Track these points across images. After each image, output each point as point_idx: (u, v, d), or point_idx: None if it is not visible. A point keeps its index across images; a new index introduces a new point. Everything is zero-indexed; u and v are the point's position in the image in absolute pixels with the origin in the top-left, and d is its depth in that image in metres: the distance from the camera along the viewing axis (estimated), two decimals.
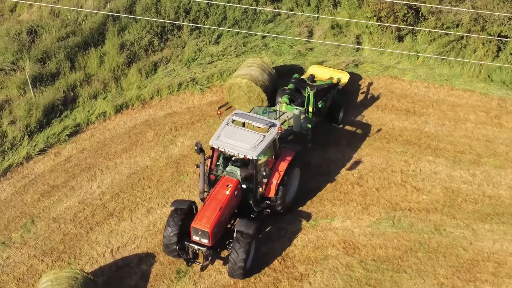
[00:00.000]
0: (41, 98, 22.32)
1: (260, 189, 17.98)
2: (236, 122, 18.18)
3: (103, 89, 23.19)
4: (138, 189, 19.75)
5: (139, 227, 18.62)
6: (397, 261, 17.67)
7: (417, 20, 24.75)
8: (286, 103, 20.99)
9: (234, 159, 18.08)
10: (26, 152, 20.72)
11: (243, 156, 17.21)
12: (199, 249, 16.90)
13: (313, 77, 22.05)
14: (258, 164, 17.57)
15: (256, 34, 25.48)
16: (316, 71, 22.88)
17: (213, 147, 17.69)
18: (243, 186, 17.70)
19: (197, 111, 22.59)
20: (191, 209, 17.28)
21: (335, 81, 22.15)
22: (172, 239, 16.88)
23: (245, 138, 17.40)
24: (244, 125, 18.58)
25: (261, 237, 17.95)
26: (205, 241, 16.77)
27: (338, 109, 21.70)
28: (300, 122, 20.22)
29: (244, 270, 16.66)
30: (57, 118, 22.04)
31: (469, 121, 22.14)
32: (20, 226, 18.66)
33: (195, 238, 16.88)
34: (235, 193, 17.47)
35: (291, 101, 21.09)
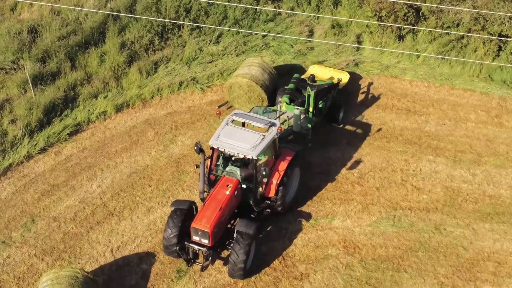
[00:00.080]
0: (41, 97, 22.32)
1: (260, 189, 17.95)
2: (235, 122, 18.16)
3: (104, 88, 23.19)
4: (138, 188, 19.75)
5: (140, 226, 18.62)
6: (398, 261, 17.67)
7: (417, 19, 24.74)
8: (286, 103, 20.98)
9: (234, 159, 18.06)
10: (26, 151, 20.73)
11: (243, 156, 17.19)
12: (199, 249, 16.88)
13: (314, 77, 22.05)
14: (258, 164, 17.55)
15: (256, 33, 25.47)
16: (316, 71, 22.86)
17: (212, 147, 17.66)
18: (243, 186, 17.67)
19: (197, 111, 22.59)
20: (191, 209, 17.26)
21: (336, 81, 22.13)
22: (171, 241, 16.87)
23: (245, 138, 17.37)
24: (244, 125, 18.56)
25: (261, 236, 17.95)
26: (205, 241, 16.76)
27: (338, 109, 21.68)
28: (300, 122, 20.21)
29: (244, 271, 16.65)
30: (57, 117, 22.04)
31: (469, 121, 22.13)
32: (20, 225, 18.68)
33: (195, 238, 16.87)
34: (235, 193, 17.45)
35: (291, 100, 21.09)
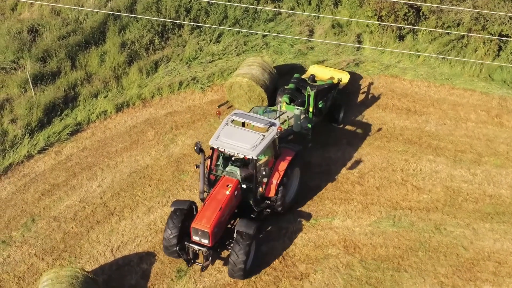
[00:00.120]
0: (41, 96, 22.33)
1: (260, 189, 17.94)
2: (235, 122, 18.15)
3: (104, 88, 23.20)
4: (138, 188, 19.75)
5: (140, 226, 18.62)
6: (398, 260, 17.67)
7: (417, 19, 24.73)
8: (286, 103, 20.98)
9: (234, 159, 18.04)
10: (26, 150, 20.74)
11: (243, 156, 17.17)
12: (199, 249, 16.86)
13: (314, 76, 22.04)
14: (258, 164, 17.54)
15: (256, 33, 25.47)
16: (316, 70, 22.85)
17: (212, 147, 17.65)
18: (243, 186, 17.66)
19: (197, 110, 22.59)
20: (191, 209, 17.24)
21: (336, 81, 22.12)
22: (171, 242, 16.86)
23: (244, 138, 17.36)
24: (243, 125, 18.55)
25: (261, 236, 17.95)
26: (205, 241, 16.74)
27: (338, 109, 21.67)
28: (300, 122, 20.20)
29: (244, 271, 16.65)
30: (57, 116, 22.05)
31: (469, 120, 22.13)
32: (20, 224, 18.68)
33: (195, 238, 16.85)
34: (235, 193, 17.43)
35: (291, 100, 21.08)
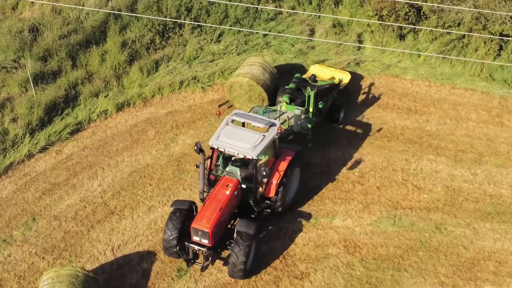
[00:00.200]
0: (42, 96, 22.34)
1: (260, 189, 17.93)
2: (235, 122, 18.14)
3: (105, 87, 23.20)
4: (139, 187, 19.76)
5: (140, 225, 18.63)
6: (398, 260, 17.67)
7: (418, 18, 24.72)
8: (286, 102, 20.97)
9: (234, 159, 18.02)
10: (27, 150, 20.75)
11: (243, 156, 17.15)
12: (199, 249, 16.85)
13: (315, 77, 22.02)
14: (258, 164, 17.52)
15: (257, 32, 25.46)
16: (317, 70, 22.82)
17: (212, 147, 17.63)
18: (243, 186, 17.64)
19: (198, 109, 22.59)
20: (191, 210, 17.22)
21: (337, 82, 22.11)
22: (171, 243, 16.85)
23: (244, 138, 17.34)
24: (243, 125, 18.54)
25: (261, 236, 17.94)
26: (205, 241, 16.73)
27: (338, 109, 21.65)
28: (300, 122, 20.19)
29: (244, 271, 16.65)
30: (58, 116, 22.06)
31: (470, 120, 22.12)
32: (21, 224, 18.69)
33: (195, 238, 16.84)
34: (235, 193, 17.42)
35: (292, 100, 21.07)
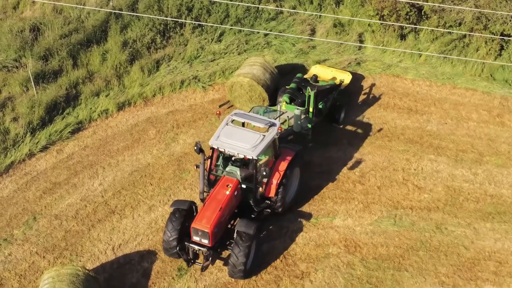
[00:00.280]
0: (43, 95, 22.35)
1: (260, 189, 17.92)
2: (235, 122, 18.14)
3: (106, 86, 23.22)
4: (139, 187, 19.77)
5: (141, 224, 18.64)
6: (398, 260, 17.67)
7: (419, 18, 24.71)
8: (286, 102, 20.96)
9: (234, 159, 18.01)
10: (28, 149, 20.76)
11: (243, 156, 17.14)
12: (200, 249, 16.84)
13: (316, 77, 21.99)
14: (258, 164, 17.52)
15: (258, 32, 25.46)
16: (318, 71, 22.81)
17: (212, 147, 17.63)
18: (243, 186, 17.63)
19: (199, 109, 22.60)
20: (191, 210, 17.20)
21: (338, 82, 22.10)
22: (171, 244, 16.85)
23: (244, 138, 17.33)
24: (243, 125, 18.53)
25: (262, 236, 17.94)
26: (205, 241, 16.72)
27: (339, 109, 21.65)
28: (300, 122, 20.19)
29: (244, 272, 16.64)
30: (59, 115, 22.07)
31: (471, 120, 22.11)
32: (22, 223, 18.71)
33: (195, 238, 16.83)
34: (235, 193, 17.41)
35: (292, 100, 21.07)
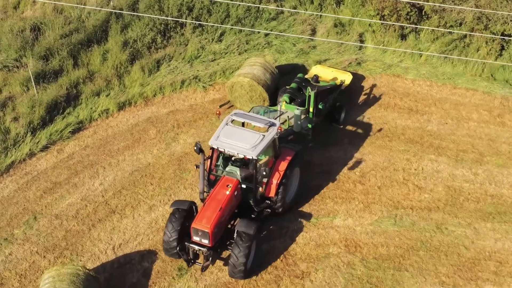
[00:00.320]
0: (44, 95, 22.36)
1: (260, 189, 17.92)
2: (235, 122, 18.14)
3: (106, 86, 23.23)
4: (140, 186, 19.78)
5: (141, 224, 18.65)
6: (399, 260, 17.67)
7: (420, 18, 24.71)
8: (286, 102, 20.95)
9: (233, 159, 18.01)
10: (29, 148, 20.78)
11: (243, 156, 17.15)
12: (200, 249, 16.84)
13: (317, 77, 21.96)
14: (258, 164, 17.52)
15: (259, 32, 25.46)
16: (319, 71, 22.80)
17: (212, 147, 17.63)
18: (243, 186, 17.63)
19: (199, 109, 22.61)
20: (191, 210, 17.20)
21: (339, 83, 22.09)
22: (171, 244, 16.85)
23: (244, 137, 17.32)
24: (243, 125, 18.54)
25: (262, 236, 17.93)
26: (206, 241, 16.72)
27: (339, 110, 21.65)
28: (300, 122, 20.18)
29: (244, 272, 16.65)
30: (60, 115, 22.08)
31: (471, 120, 22.10)
32: (22, 222, 18.72)
33: (196, 238, 16.83)
34: (235, 193, 17.41)
35: (292, 100, 21.06)
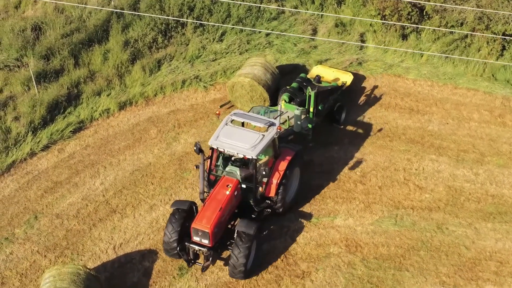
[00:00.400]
0: (45, 94, 22.38)
1: (260, 188, 17.91)
2: (235, 122, 18.14)
3: (107, 86, 23.24)
4: (141, 186, 19.79)
5: (142, 223, 18.66)
6: (399, 260, 17.67)
7: (421, 18, 24.71)
8: (285, 101, 20.93)
9: (233, 159, 18.01)
10: (29, 148, 20.80)
11: (243, 155, 17.15)
12: (200, 249, 16.85)
13: (319, 77, 21.92)
14: (258, 163, 17.51)
15: (260, 31, 25.46)
16: (320, 71, 22.78)
17: (212, 147, 17.63)
18: (243, 186, 17.63)
19: (200, 109, 22.61)
20: (191, 210, 17.21)
21: (340, 84, 22.08)
22: (171, 245, 16.86)
23: (244, 137, 17.32)
24: (243, 124, 18.53)
25: (263, 235, 17.94)
26: (206, 241, 16.72)
27: (340, 110, 21.64)
28: (300, 122, 20.18)
29: (244, 272, 16.65)
30: (60, 114, 22.10)
31: (472, 120, 22.10)
32: (23, 222, 18.73)
33: (196, 238, 16.83)
34: (235, 193, 17.40)
35: (291, 99, 21.05)
